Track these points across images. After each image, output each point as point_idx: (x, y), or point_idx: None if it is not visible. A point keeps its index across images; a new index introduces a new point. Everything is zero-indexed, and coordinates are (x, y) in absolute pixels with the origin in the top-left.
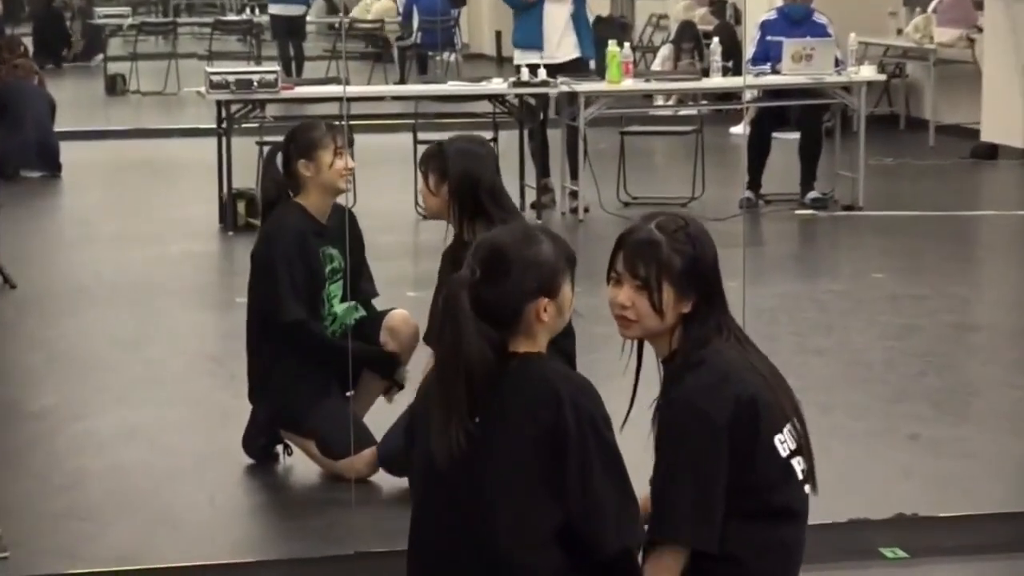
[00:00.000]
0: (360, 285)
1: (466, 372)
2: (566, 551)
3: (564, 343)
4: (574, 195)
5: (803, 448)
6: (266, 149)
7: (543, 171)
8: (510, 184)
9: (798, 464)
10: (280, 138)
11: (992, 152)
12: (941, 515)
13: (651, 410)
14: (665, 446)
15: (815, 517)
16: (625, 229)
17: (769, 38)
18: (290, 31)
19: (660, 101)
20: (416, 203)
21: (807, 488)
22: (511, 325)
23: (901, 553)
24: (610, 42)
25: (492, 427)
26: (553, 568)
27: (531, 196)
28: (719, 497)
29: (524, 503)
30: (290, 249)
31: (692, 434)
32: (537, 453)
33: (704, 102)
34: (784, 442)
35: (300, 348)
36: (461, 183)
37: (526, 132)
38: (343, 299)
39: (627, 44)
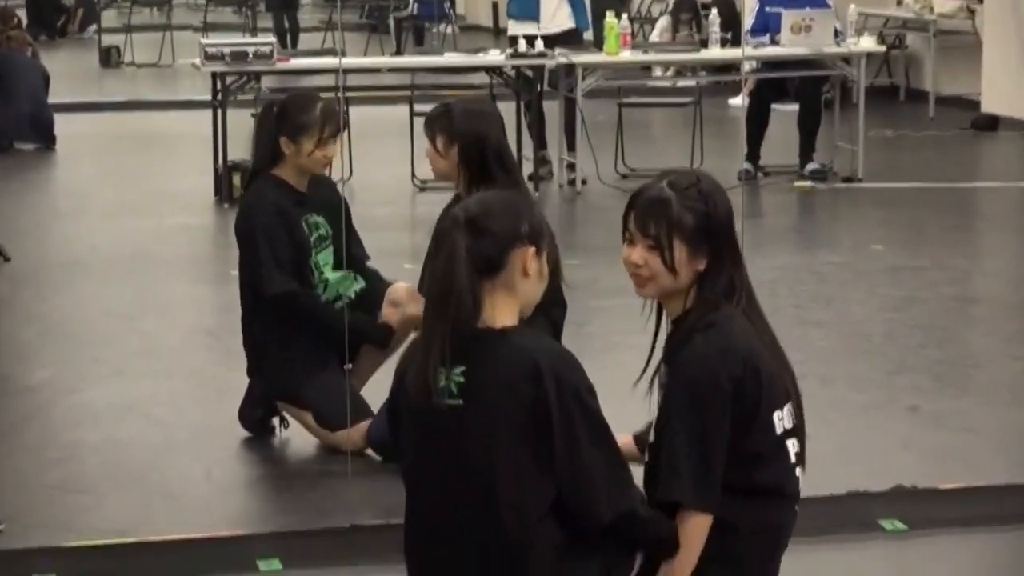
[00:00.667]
0: (351, 251)
1: (454, 306)
2: (562, 524)
3: (554, 312)
4: (571, 167)
5: (799, 429)
6: None
7: (540, 143)
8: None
9: (792, 445)
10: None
11: (992, 123)
12: (940, 487)
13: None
14: (674, 405)
15: (814, 489)
16: (638, 188)
17: (768, 9)
18: (285, 3)
19: (658, 72)
20: (413, 175)
21: (798, 471)
22: (496, 272)
23: (900, 525)
24: (608, 13)
25: (476, 405)
26: (551, 542)
27: (528, 168)
28: (721, 460)
29: (516, 480)
30: (269, 221)
31: (701, 395)
32: (522, 428)
33: (702, 73)
34: (782, 419)
35: (291, 319)
36: (470, 143)
37: (523, 104)
38: (336, 267)
39: (625, 15)
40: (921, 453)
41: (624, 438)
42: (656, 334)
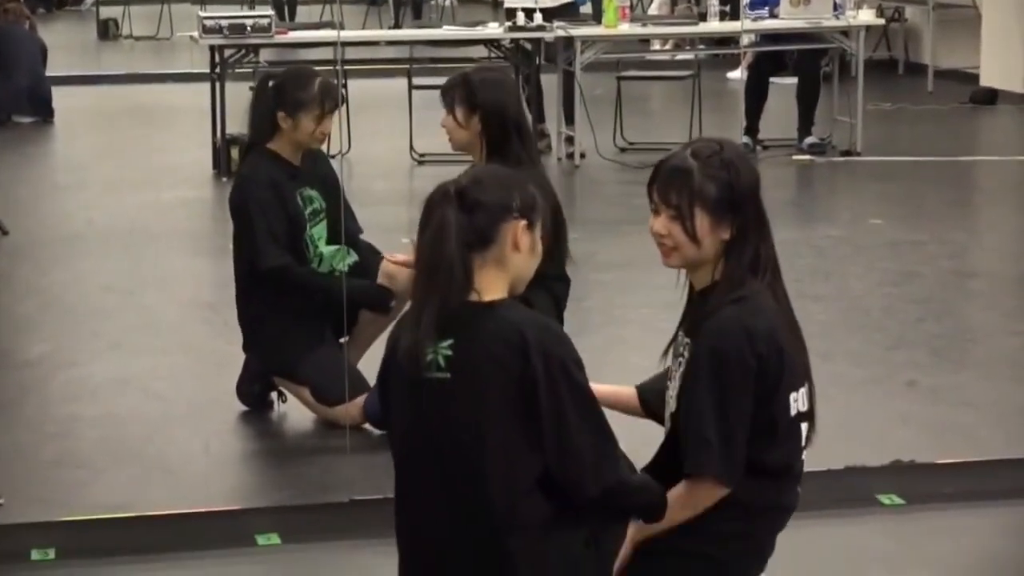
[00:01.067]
0: (346, 225)
1: (443, 280)
2: (548, 497)
3: (557, 287)
4: (570, 141)
5: (811, 412)
6: None
7: (538, 117)
8: None
9: (804, 428)
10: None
11: (991, 97)
12: (939, 462)
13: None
14: (698, 376)
15: (813, 464)
16: (663, 157)
17: None
18: None
19: (657, 46)
20: (411, 148)
21: (805, 453)
22: (486, 245)
23: (898, 500)
24: None
25: (463, 378)
26: (540, 516)
27: None
28: (744, 435)
29: (503, 454)
30: (264, 195)
31: (727, 368)
32: (510, 402)
33: (701, 47)
34: (797, 401)
35: (287, 293)
36: (492, 112)
37: (521, 78)
38: (331, 242)
39: None
40: (919, 428)
41: (627, 390)
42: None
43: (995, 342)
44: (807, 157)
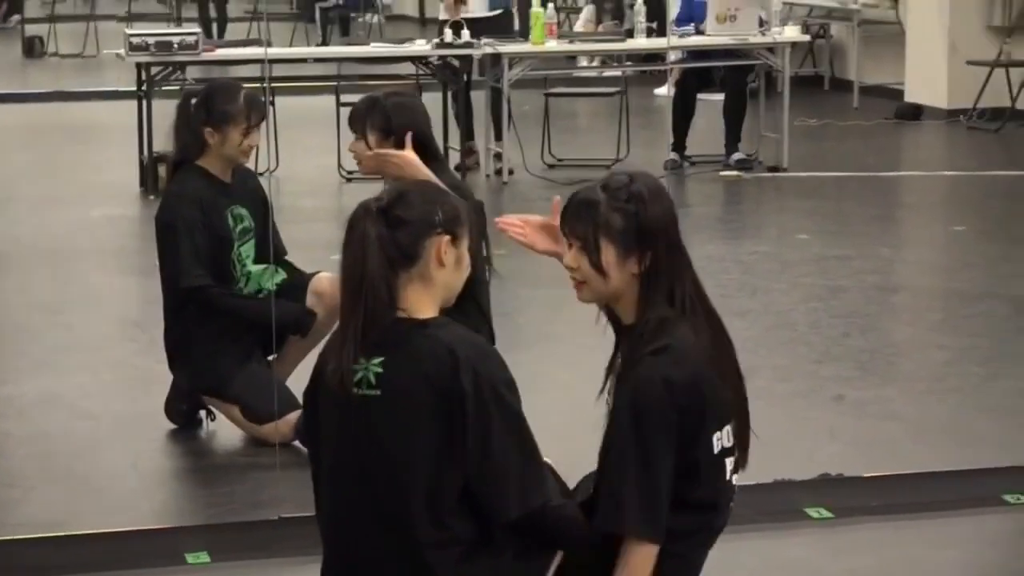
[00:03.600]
0: (274, 244)
1: (367, 298)
2: (472, 517)
3: (476, 289)
4: (499, 157)
5: (742, 443)
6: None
7: (467, 133)
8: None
9: (729, 463)
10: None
11: (916, 112)
12: (866, 475)
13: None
14: (618, 431)
15: (742, 478)
16: (576, 190)
17: None
18: None
19: (584, 62)
20: (339, 166)
21: (734, 478)
22: (411, 262)
23: (826, 513)
24: (534, 2)
25: (393, 396)
26: (465, 534)
27: (455, 159)
28: (667, 488)
29: (429, 471)
30: (190, 213)
31: (647, 423)
32: (438, 421)
33: (628, 63)
34: (721, 439)
35: (209, 312)
36: (406, 137)
37: (450, 94)
38: (259, 260)
39: (551, 5)
40: (846, 442)
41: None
42: (616, 341)
43: (920, 356)
44: (734, 173)
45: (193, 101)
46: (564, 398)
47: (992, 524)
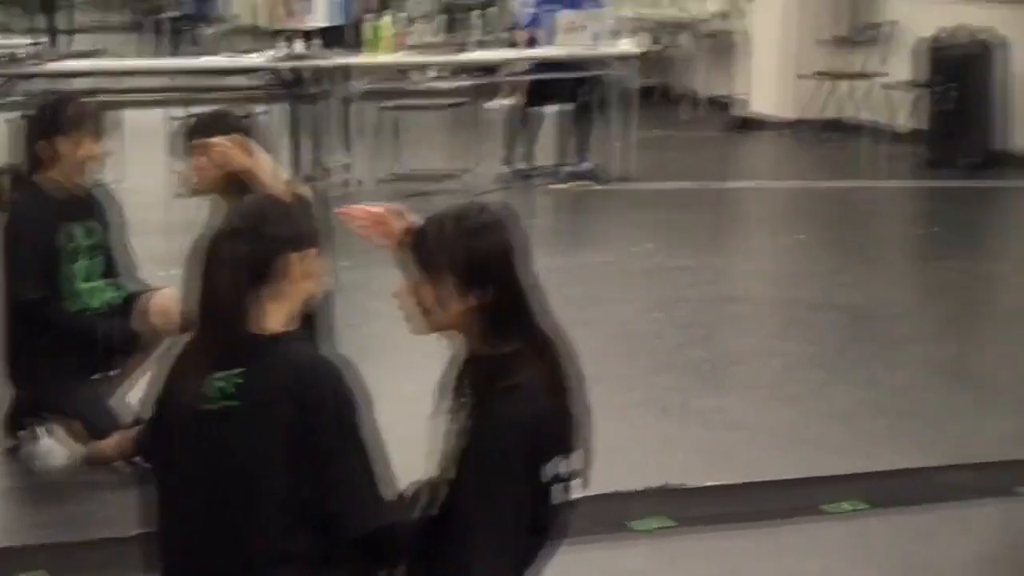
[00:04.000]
0: (119, 260)
1: (221, 313)
2: (316, 532)
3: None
4: (345, 168)
5: (576, 473)
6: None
7: (315, 145)
8: (282, 158)
9: (558, 490)
10: None
11: (758, 124)
12: (706, 484)
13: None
14: (470, 476)
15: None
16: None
17: (543, 8)
18: (43, 4)
19: (431, 74)
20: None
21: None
22: (263, 278)
23: (668, 522)
24: (383, 15)
25: (245, 410)
26: (310, 549)
27: (303, 170)
28: (515, 529)
29: (276, 486)
30: (29, 229)
31: (494, 468)
32: (286, 436)
33: (477, 74)
34: (558, 467)
35: (44, 328)
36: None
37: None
38: (106, 275)
39: (401, 16)
40: (686, 451)
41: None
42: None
43: (757, 364)
44: (578, 183)
45: (28, 116)
46: (408, 409)
47: (822, 532)
